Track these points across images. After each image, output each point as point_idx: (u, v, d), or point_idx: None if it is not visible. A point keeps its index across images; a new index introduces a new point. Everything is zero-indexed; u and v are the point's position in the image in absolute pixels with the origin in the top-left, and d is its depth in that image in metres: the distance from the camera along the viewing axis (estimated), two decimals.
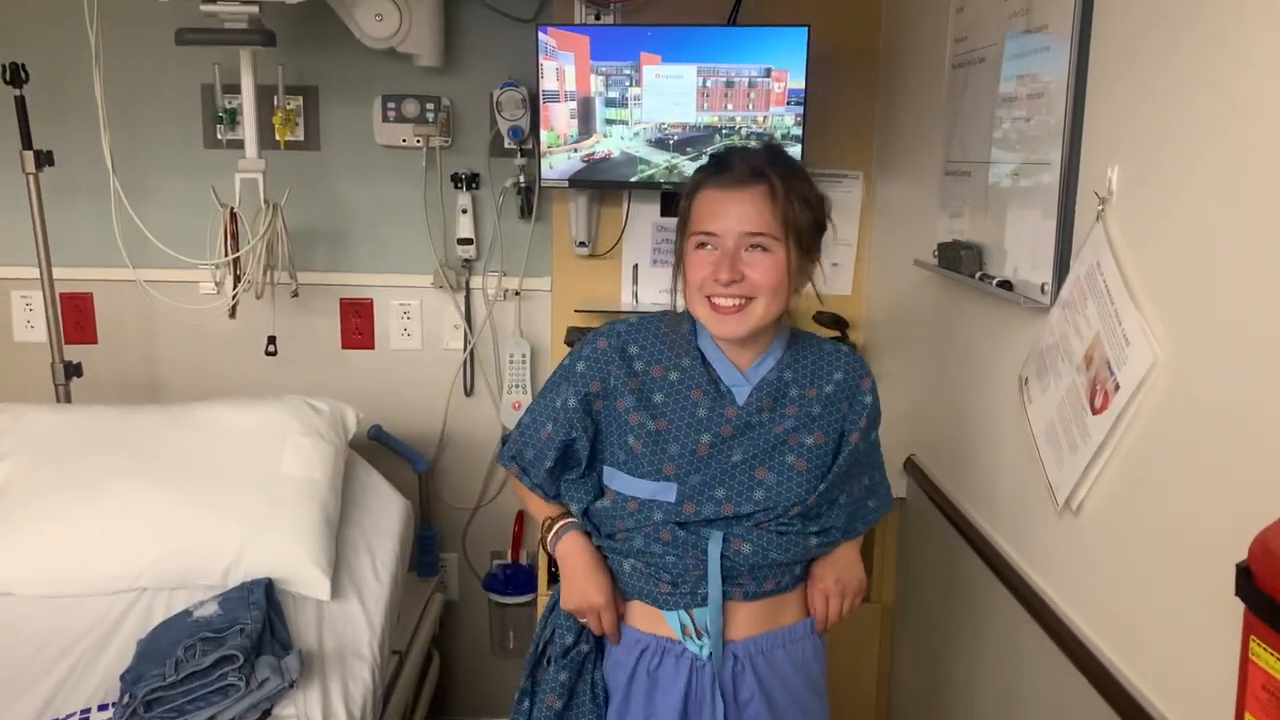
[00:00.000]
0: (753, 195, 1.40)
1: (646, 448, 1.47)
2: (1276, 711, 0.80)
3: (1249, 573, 0.85)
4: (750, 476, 1.46)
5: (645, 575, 1.50)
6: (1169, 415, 1.29)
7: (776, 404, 1.49)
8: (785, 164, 1.46)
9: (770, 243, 1.41)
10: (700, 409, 1.48)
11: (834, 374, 1.54)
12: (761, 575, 1.51)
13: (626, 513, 1.48)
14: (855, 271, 2.79)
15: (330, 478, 2.21)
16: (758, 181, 1.41)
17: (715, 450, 1.46)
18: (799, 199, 1.43)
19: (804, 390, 1.51)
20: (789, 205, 1.41)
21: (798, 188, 1.43)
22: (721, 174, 1.43)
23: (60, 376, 2.48)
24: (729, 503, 1.45)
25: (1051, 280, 1.59)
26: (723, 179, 1.42)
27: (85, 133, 2.47)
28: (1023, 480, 1.71)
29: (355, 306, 2.78)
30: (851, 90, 2.67)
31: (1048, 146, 1.60)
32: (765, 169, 1.42)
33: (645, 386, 1.50)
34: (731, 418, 1.48)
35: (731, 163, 1.44)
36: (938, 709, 2.14)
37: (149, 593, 2.03)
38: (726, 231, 1.40)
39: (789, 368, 1.52)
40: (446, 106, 2.65)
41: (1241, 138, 1.16)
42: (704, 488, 1.46)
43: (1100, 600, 1.46)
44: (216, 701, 1.69)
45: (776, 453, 1.47)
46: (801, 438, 1.48)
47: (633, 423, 1.49)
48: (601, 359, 1.52)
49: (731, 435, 1.47)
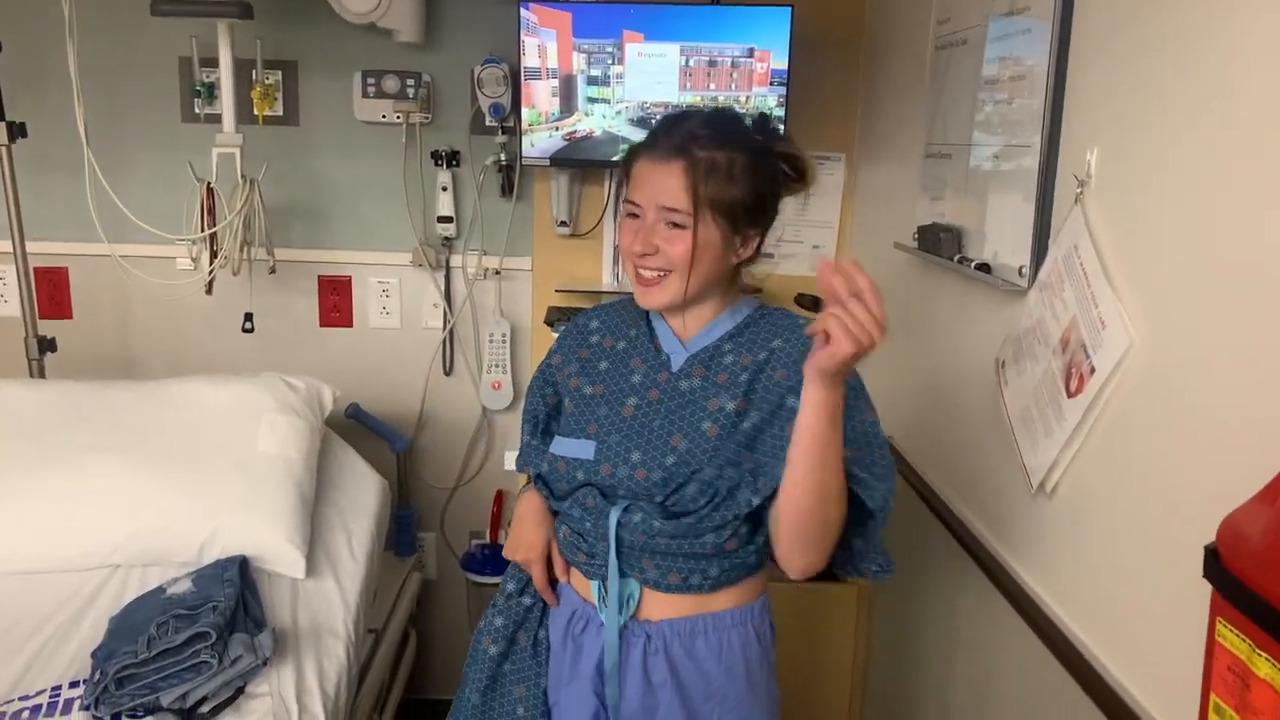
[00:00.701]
0: (670, 171, 1.37)
1: (578, 408, 1.51)
2: (1241, 692, 0.81)
3: (1217, 555, 0.85)
4: (665, 441, 1.43)
5: (571, 543, 1.51)
6: (1143, 398, 1.29)
7: (708, 371, 1.46)
8: (720, 136, 1.39)
9: (684, 219, 1.38)
10: (635, 375, 1.49)
11: (772, 340, 1.46)
12: (664, 564, 1.43)
13: (559, 474, 1.49)
14: (837, 254, 2.79)
15: (306, 455, 2.20)
16: (677, 157, 1.37)
17: (639, 413, 1.46)
18: (724, 175, 1.37)
19: (739, 358, 1.46)
20: (707, 182, 1.37)
21: (725, 162, 1.37)
22: (653, 145, 1.41)
23: (34, 351, 2.45)
24: (643, 466, 1.42)
25: (1030, 263, 1.59)
26: (651, 150, 1.40)
27: (59, 105, 2.43)
28: (998, 463, 1.71)
29: (333, 284, 2.76)
30: (834, 71, 2.66)
31: (1029, 129, 1.60)
32: (689, 144, 1.37)
33: (593, 355, 1.54)
34: (662, 383, 1.47)
35: (662, 133, 1.41)
36: (913, 691, 2.15)
37: (122, 569, 2.02)
38: (647, 204, 1.40)
39: (734, 338, 1.48)
40: (427, 83, 2.63)
41: (1221, 123, 1.16)
42: (620, 449, 1.44)
43: (1072, 582, 1.47)
44: (189, 679, 1.68)
45: (693, 418, 1.43)
46: (722, 403, 1.43)
47: (572, 387, 1.53)
48: (566, 336, 1.60)
49: (659, 400, 1.46)
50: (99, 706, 1.64)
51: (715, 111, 1.47)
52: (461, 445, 2.86)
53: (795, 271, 2.79)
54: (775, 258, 1.58)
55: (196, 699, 1.68)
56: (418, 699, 2.89)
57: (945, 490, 1.97)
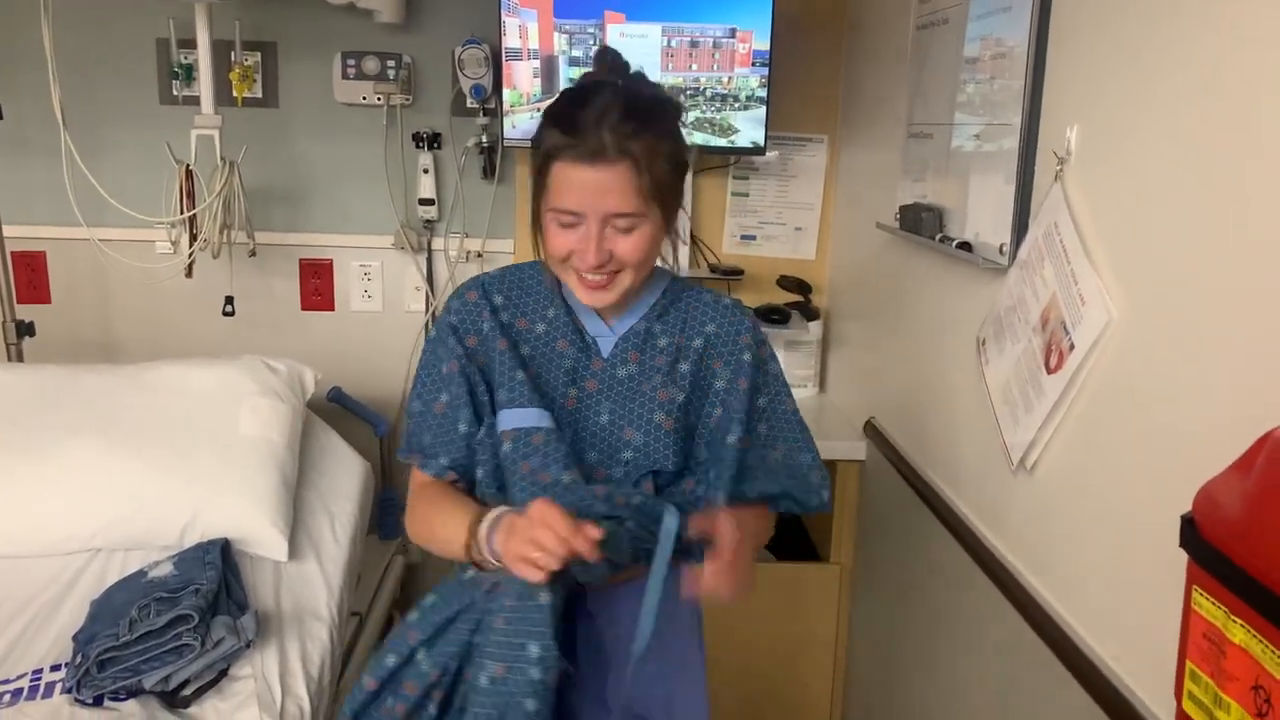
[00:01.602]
0: (614, 174, 1.24)
1: (539, 371, 1.39)
2: (1217, 659, 0.81)
3: (1193, 524, 0.86)
4: (619, 437, 1.37)
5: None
6: (1122, 374, 1.30)
7: (643, 355, 1.40)
8: (647, 122, 1.26)
9: (638, 220, 1.28)
10: (566, 360, 1.39)
11: (705, 325, 1.41)
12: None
13: (531, 447, 1.34)
14: (819, 236, 2.79)
15: (288, 438, 2.19)
16: (619, 159, 1.23)
17: (582, 405, 1.38)
18: (664, 161, 1.28)
19: (673, 340, 1.40)
20: (655, 176, 1.26)
21: (663, 149, 1.27)
22: (578, 144, 1.24)
23: (12, 336, 2.43)
24: (600, 466, 1.37)
25: (1010, 241, 1.60)
26: (580, 151, 1.24)
27: (35, 87, 2.40)
28: (979, 441, 1.72)
29: (314, 267, 2.75)
30: (817, 52, 2.65)
31: (1009, 108, 1.60)
32: (627, 142, 1.23)
33: (513, 339, 1.40)
34: (597, 370, 1.39)
35: (587, 128, 1.23)
36: (896, 669, 2.17)
37: (103, 553, 2.01)
38: (590, 210, 1.26)
39: (658, 319, 1.41)
40: (408, 64, 2.61)
41: (1200, 98, 1.16)
42: (575, 448, 1.36)
43: (1051, 557, 1.48)
44: (171, 661, 1.67)
45: (644, 410, 1.38)
46: (672, 394, 1.38)
47: (521, 355, 1.40)
48: (473, 310, 1.40)
49: (598, 390, 1.39)
50: (81, 689, 1.64)
51: (631, 88, 1.29)
52: None
53: (778, 254, 2.80)
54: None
55: (179, 681, 1.68)
56: None
57: (926, 468, 1.98)
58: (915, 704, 2.02)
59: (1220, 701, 0.81)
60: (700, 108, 2.45)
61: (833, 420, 2.55)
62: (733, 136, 2.48)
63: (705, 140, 2.48)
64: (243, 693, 1.70)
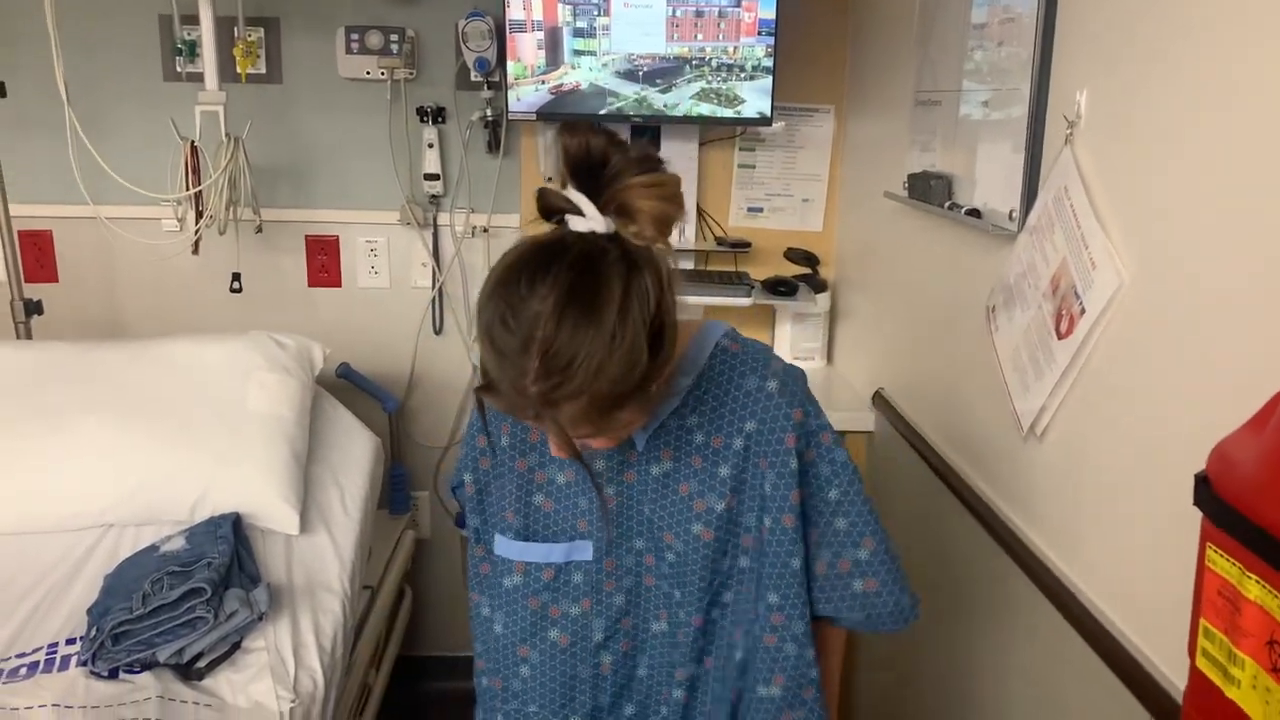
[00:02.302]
0: (554, 425, 1.06)
1: (559, 504, 1.29)
2: (1231, 615, 0.81)
3: (1207, 482, 0.86)
4: (659, 539, 1.27)
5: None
6: (1133, 337, 1.29)
7: (677, 453, 1.25)
8: (575, 366, 1.00)
9: (590, 436, 1.13)
10: (598, 459, 1.27)
11: (745, 423, 1.24)
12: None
13: (543, 584, 1.30)
14: (826, 208, 2.78)
15: (297, 413, 2.19)
16: (540, 420, 1.06)
17: (623, 500, 1.28)
18: (607, 394, 1.03)
19: (710, 438, 1.25)
20: (607, 403, 1.05)
21: (606, 381, 1.02)
22: (503, 402, 1.07)
23: (20, 314, 2.43)
24: (649, 554, 1.28)
25: (1019, 207, 1.59)
26: (508, 407, 1.09)
27: (37, 64, 2.40)
28: (989, 409, 1.72)
29: (321, 244, 2.74)
30: (823, 20, 2.63)
31: (1018, 74, 1.59)
32: (551, 395, 1.01)
33: (543, 438, 1.28)
34: (632, 462, 1.26)
35: (506, 392, 1.04)
36: (905, 640, 2.17)
37: (115, 529, 2.02)
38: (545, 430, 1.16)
39: (694, 409, 1.25)
40: (411, 38, 2.60)
41: (1211, 58, 1.15)
42: (621, 538, 1.28)
43: (1062, 523, 1.48)
44: (184, 634, 1.69)
45: (682, 519, 1.26)
46: (711, 503, 1.25)
47: (540, 480, 1.30)
48: (490, 411, 1.30)
49: (636, 482, 1.27)
50: (96, 662, 1.65)
51: (564, 304, 1.01)
52: (453, 404, 2.86)
53: (784, 226, 2.79)
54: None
55: (193, 654, 1.69)
56: (413, 655, 2.91)
57: (936, 439, 1.98)
58: (925, 674, 2.03)
59: (1234, 658, 0.81)
60: (706, 78, 2.43)
61: (841, 392, 2.55)
62: (739, 107, 2.46)
63: (711, 111, 2.47)
64: (256, 665, 1.71)
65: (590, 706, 1.33)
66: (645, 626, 1.31)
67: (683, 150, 2.66)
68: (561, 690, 1.33)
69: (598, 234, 1.06)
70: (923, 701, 2.04)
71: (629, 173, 1.07)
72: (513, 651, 1.33)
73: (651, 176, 1.07)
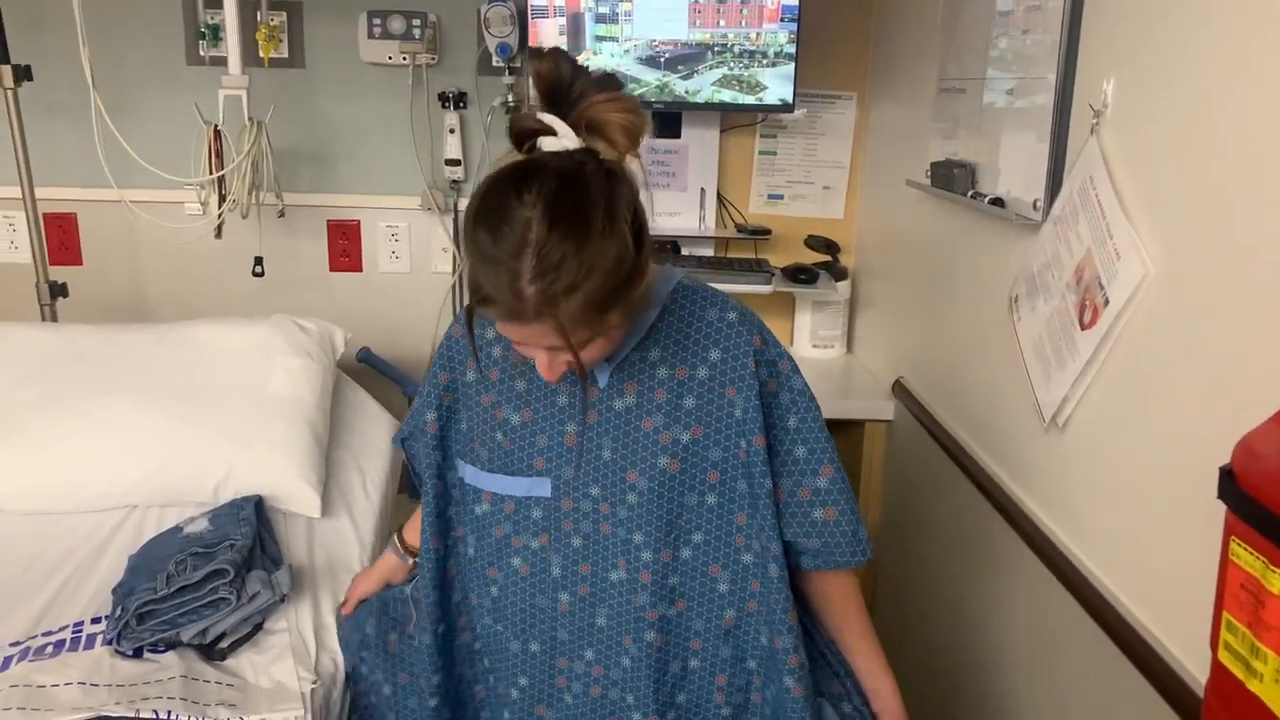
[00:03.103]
0: (543, 328, 1.10)
1: (514, 442, 1.33)
2: (1254, 609, 0.81)
3: (1232, 475, 0.85)
4: (621, 478, 1.29)
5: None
6: (1157, 328, 1.29)
7: (641, 387, 1.28)
8: (566, 267, 1.06)
9: (587, 342, 1.14)
10: (560, 395, 1.31)
11: (709, 352, 1.27)
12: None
13: (505, 515, 1.36)
14: (847, 195, 2.77)
15: (319, 397, 2.20)
16: (542, 318, 1.08)
17: (583, 440, 1.30)
18: (597, 295, 1.08)
19: (674, 370, 1.28)
20: (591, 309, 1.09)
21: (593, 284, 1.07)
22: (495, 303, 1.10)
23: (45, 297, 2.45)
24: (605, 501, 1.30)
25: (1044, 196, 1.58)
26: (499, 310, 1.11)
27: (62, 48, 2.41)
28: (1010, 399, 1.71)
29: (342, 228, 2.76)
30: (846, 6, 2.62)
31: (1044, 62, 1.58)
32: (547, 305, 1.07)
33: (505, 376, 1.34)
34: (594, 401, 1.29)
35: (500, 292, 1.08)
36: (924, 630, 2.18)
37: (139, 510, 2.04)
38: (528, 345, 1.18)
39: (657, 342, 1.28)
40: (433, 23, 2.60)
41: (1239, 47, 1.14)
42: (577, 483, 1.31)
43: (1083, 514, 1.48)
44: (208, 615, 1.70)
45: (647, 452, 1.28)
46: (676, 434, 1.27)
47: (499, 419, 1.34)
48: (457, 347, 1.39)
49: (598, 423, 1.30)
50: (121, 641, 1.67)
51: (556, 197, 1.07)
52: None
53: (805, 213, 2.78)
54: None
55: (216, 634, 1.70)
56: None
57: (957, 428, 1.97)
58: (944, 664, 2.03)
59: (1257, 651, 0.81)
60: (728, 65, 2.43)
61: (861, 380, 2.55)
62: (760, 94, 2.46)
63: (733, 98, 2.46)
64: (278, 646, 1.73)
65: (549, 637, 1.37)
66: (604, 575, 1.33)
67: (704, 137, 2.65)
68: (524, 615, 1.38)
69: (572, 150, 1.11)
70: (940, 692, 2.04)
71: (593, 91, 1.12)
72: (484, 572, 1.40)
73: (613, 93, 1.14)
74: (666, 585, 1.32)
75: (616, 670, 1.35)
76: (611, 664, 1.35)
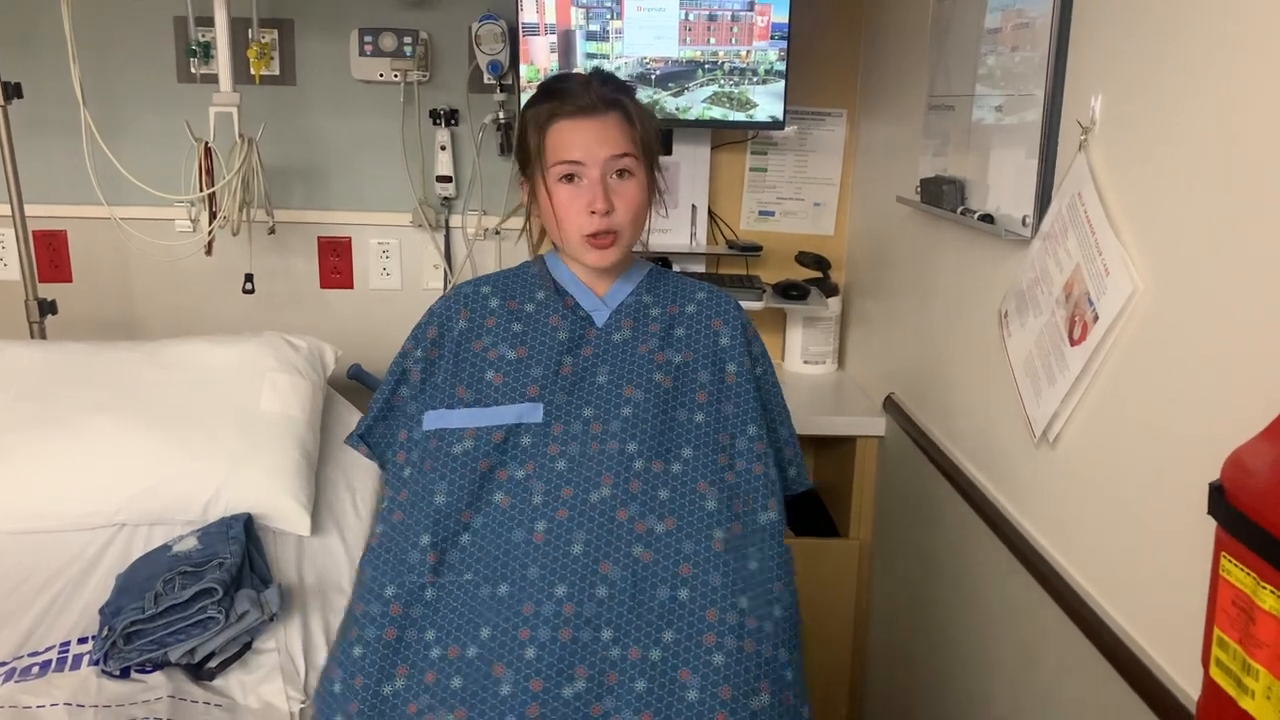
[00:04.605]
0: (608, 123, 1.38)
1: (507, 376, 1.45)
2: (1245, 625, 0.81)
3: (1222, 491, 0.85)
4: (618, 394, 1.43)
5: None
6: (1146, 344, 1.29)
7: (637, 322, 1.48)
8: (624, 86, 1.45)
9: (634, 165, 1.40)
10: (561, 332, 1.46)
11: (696, 293, 1.52)
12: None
13: (492, 446, 1.42)
14: (838, 212, 2.78)
15: (309, 415, 2.20)
16: (611, 109, 1.39)
17: (579, 369, 1.45)
18: (647, 120, 1.43)
19: (665, 309, 1.49)
20: (642, 124, 1.41)
21: (645, 110, 1.44)
22: (571, 103, 1.38)
23: (35, 314, 2.44)
24: (597, 421, 1.41)
25: (1033, 212, 1.58)
26: (574, 108, 1.38)
27: (53, 66, 2.41)
28: (1001, 415, 1.72)
29: (333, 245, 2.75)
30: (836, 25, 2.63)
31: (1032, 79, 1.59)
32: (618, 95, 1.41)
33: (502, 321, 1.48)
34: (592, 338, 1.46)
35: (576, 91, 1.39)
36: (915, 645, 2.17)
37: (128, 528, 2.02)
38: (589, 159, 1.37)
39: (648, 291, 1.51)
40: (424, 40, 2.61)
41: (1228, 62, 1.15)
42: (570, 406, 1.42)
43: (1074, 530, 1.48)
44: (196, 634, 1.69)
45: (643, 370, 1.44)
46: (669, 355, 1.46)
47: (492, 358, 1.46)
48: (455, 302, 1.52)
49: (595, 354, 1.46)
50: (108, 661, 1.66)
51: (599, 72, 1.45)
52: None
53: (796, 229, 2.79)
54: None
55: (204, 654, 1.69)
56: None
57: (948, 444, 1.97)
58: (935, 679, 2.02)
59: (1248, 668, 0.81)
60: (718, 82, 2.44)
61: (852, 396, 2.55)
62: (751, 111, 2.47)
63: (723, 115, 2.47)
64: (267, 665, 1.72)
65: (519, 575, 1.36)
66: (584, 497, 1.37)
67: (695, 154, 2.66)
68: (497, 556, 1.38)
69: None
70: (931, 706, 2.04)
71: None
72: (456, 519, 1.41)
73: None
74: (657, 499, 1.38)
75: (591, 604, 1.33)
76: (585, 597, 1.33)
